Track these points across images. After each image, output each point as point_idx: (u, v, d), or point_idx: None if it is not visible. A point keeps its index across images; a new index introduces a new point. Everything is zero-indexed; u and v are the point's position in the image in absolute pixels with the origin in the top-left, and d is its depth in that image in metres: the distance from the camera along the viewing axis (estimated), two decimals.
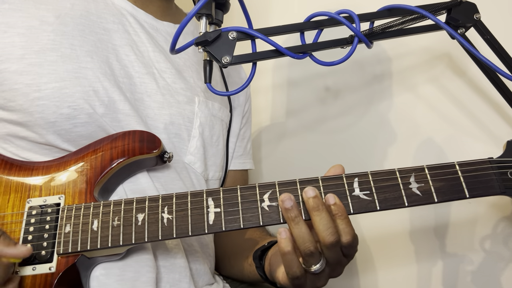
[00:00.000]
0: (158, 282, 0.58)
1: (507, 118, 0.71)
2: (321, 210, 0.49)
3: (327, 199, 0.49)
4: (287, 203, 0.49)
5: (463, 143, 0.75)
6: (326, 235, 0.48)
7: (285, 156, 1.00)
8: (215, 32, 0.53)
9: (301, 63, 0.76)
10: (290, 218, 0.49)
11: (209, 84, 0.56)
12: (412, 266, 0.79)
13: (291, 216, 0.49)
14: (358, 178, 0.52)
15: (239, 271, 0.72)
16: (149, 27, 0.70)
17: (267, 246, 0.63)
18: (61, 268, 0.52)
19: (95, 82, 0.59)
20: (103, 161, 0.57)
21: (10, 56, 0.57)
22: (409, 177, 0.51)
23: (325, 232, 0.48)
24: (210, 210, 0.52)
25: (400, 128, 0.83)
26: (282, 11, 1.02)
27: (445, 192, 0.51)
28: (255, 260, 0.63)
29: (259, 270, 0.62)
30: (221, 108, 0.74)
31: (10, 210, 0.55)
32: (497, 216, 0.71)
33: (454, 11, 0.59)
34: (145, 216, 0.53)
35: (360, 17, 0.57)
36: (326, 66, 0.59)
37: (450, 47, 0.77)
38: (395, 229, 0.81)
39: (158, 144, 0.59)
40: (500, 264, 0.70)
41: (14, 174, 0.57)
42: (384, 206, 0.51)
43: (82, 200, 0.55)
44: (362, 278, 0.86)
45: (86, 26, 0.62)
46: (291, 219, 0.49)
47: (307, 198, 0.49)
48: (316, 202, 0.49)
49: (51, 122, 0.57)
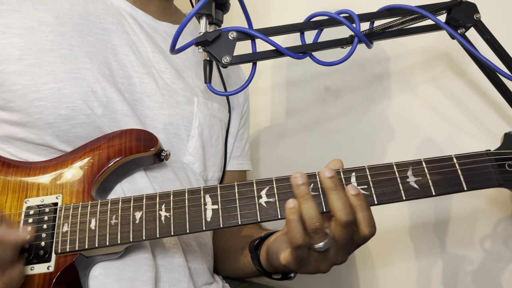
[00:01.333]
0: (157, 282, 0.58)
1: (507, 118, 0.71)
2: (339, 190, 0.49)
3: (348, 189, 0.50)
4: (298, 180, 0.50)
5: (463, 143, 0.75)
6: (343, 214, 0.48)
7: (284, 156, 1.00)
8: (215, 32, 0.53)
9: (301, 63, 0.76)
10: (299, 194, 0.50)
11: (209, 84, 0.56)
12: (412, 264, 0.79)
13: (301, 192, 0.50)
14: (355, 172, 0.52)
15: (233, 265, 0.72)
16: (148, 28, 0.70)
17: (263, 236, 0.63)
18: (59, 268, 0.52)
19: (94, 82, 0.59)
20: (100, 160, 0.57)
21: (8, 57, 0.57)
22: (407, 170, 0.51)
23: (342, 211, 0.48)
24: (207, 207, 0.52)
25: (400, 128, 0.83)
26: (282, 11, 1.02)
27: (443, 185, 0.50)
28: (251, 250, 0.62)
29: (254, 260, 0.62)
30: (220, 109, 0.74)
31: (8, 210, 0.55)
32: (497, 216, 0.71)
33: (454, 11, 0.59)
34: (143, 214, 0.52)
35: (360, 17, 0.57)
36: (326, 66, 0.59)
37: (450, 47, 0.77)
38: (394, 226, 0.81)
39: (155, 142, 0.59)
40: (500, 264, 0.70)
41: (11, 174, 0.57)
42: (382, 200, 0.51)
43: (79, 199, 0.55)
44: (361, 275, 0.86)
45: (84, 27, 0.62)
46: (301, 195, 0.50)
47: (324, 177, 0.50)
48: (334, 182, 0.49)
49: (49, 122, 0.57)
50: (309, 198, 0.50)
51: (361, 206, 0.49)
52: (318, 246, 0.50)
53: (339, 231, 0.50)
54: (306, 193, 0.50)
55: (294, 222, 0.49)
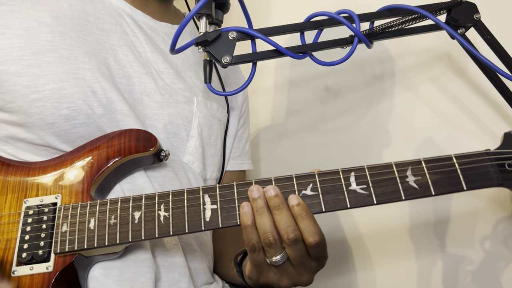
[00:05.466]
0: (157, 282, 0.58)
1: (507, 118, 0.71)
2: (281, 209, 0.50)
3: (289, 200, 0.50)
4: (254, 193, 0.50)
5: (463, 142, 0.75)
6: (286, 232, 0.49)
7: (284, 156, 1.00)
8: (215, 32, 0.53)
9: (301, 63, 0.76)
10: (255, 208, 0.50)
11: (209, 84, 0.56)
12: (411, 264, 0.79)
13: (256, 206, 0.50)
14: (354, 172, 0.52)
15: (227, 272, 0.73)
16: (147, 28, 0.70)
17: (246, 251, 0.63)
18: (58, 268, 0.52)
19: (93, 82, 0.59)
20: (100, 160, 0.57)
21: (8, 58, 0.57)
22: (406, 170, 0.51)
23: (286, 229, 0.49)
24: (206, 207, 0.52)
25: (400, 128, 0.83)
26: (282, 11, 1.02)
27: (442, 184, 0.50)
28: (235, 265, 0.62)
29: (239, 275, 0.62)
30: (219, 109, 0.74)
31: (7, 210, 0.55)
32: (497, 216, 0.71)
33: (454, 11, 0.59)
34: (142, 214, 0.52)
35: (360, 17, 0.57)
36: (326, 66, 0.58)
37: (450, 47, 0.77)
38: (393, 225, 0.81)
39: (154, 142, 0.59)
40: (500, 264, 0.70)
41: (11, 174, 0.57)
42: (381, 200, 0.50)
43: (78, 199, 0.55)
44: (360, 276, 0.86)
45: (83, 27, 0.62)
46: (256, 209, 0.50)
47: (268, 197, 0.50)
48: (277, 201, 0.50)
49: (50, 123, 0.56)
50: (264, 212, 0.50)
51: (301, 216, 0.49)
52: (274, 259, 0.50)
53: (289, 250, 0.50)
54: (261, 207, 0.50)
55: (248, 228, 0.50)
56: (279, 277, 0.53)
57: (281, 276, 0.53)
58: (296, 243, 0.49)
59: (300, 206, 0.49)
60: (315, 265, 0.53)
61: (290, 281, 0.53)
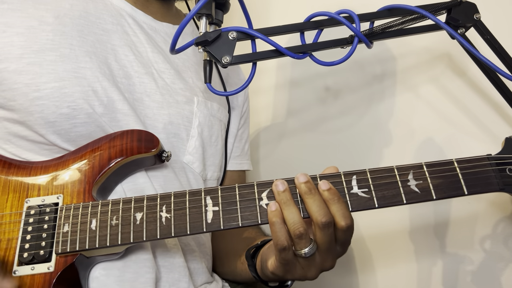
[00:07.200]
0: (158, 282, 0.58)
1: (507, 118, 0.71)
2: (313, 194, 0.50)
3: (320, 185, 0.51)
4: (280, 187, 0.51)
5: (463, 143, 0.75)
6: (319, 215, 0.49)
7: (284, 156, 1.00)
8: (215, 32, 0.53)
9: (301, 63, 0.76)
10: (281, 201, 0.51)
11: (209, 84, 0.56)
12: (412, 265, 0.79)
13: (283, 199, 0.50)
14: (356, 175, 0.52)
15: (231, 270, 0.73)
16: (148, 28, 0.70)
17: (260, 244, 0.63)
18: (59, 268, 0.52)
19: (94, 82, 0.59)
20: (101, 160, 0.57)
21: (9, 56, 0.57)
22: (408, 174, 0.51)
23: (317, 213, 0.49)
24: (208, 208, 0.52)
25: (400, 128, 0.83)
26: (282, 11, 1.02)
27: (443, 189, 0.51)
28: (248, 259, 0.63)
29: (251, 268, 0.62)
30: (219, 109, 0.74)
31: (9, 210, 0.55)
32: (497, 216, 0.71)
33: (454, 11, 0.59)
34: (144, 215, 0.52)
35: (360, 17, 0.57)
36: (326, 66, 0.59)
37: (450, 47, 0.77)
38: (394, 228, 0.81)
39: (156, 143, 0.59)
40: (500, 264, 0.70)
41: (12, 174, 0.57)
42: (383, 204, 0.51)
43: (80, 199, 0.55)
44: (361, 278, 0.86)
45: (85, 27, 0.62)
46: (283, 202, 0.50)
47: (298, 183, 0.51)
48: (308, 186, 0.50)
49: (50, 122, 0.57)
50: (291, 204, 0.50)
51: (332, 200, 0.50)
52: (304, 251, 0.50)
53: (319, 234, 0.50)
54: (288, 199, 0.50)
55: (277, 225, 0.50)
56: (306, 269, 0.53)
57: (308, 268, 0.53)
58: (329, 227, 0.50)
59: (331, 190, 0.50)
60: (340, 250, 0.54)
61: (316, 270, 0.53)
